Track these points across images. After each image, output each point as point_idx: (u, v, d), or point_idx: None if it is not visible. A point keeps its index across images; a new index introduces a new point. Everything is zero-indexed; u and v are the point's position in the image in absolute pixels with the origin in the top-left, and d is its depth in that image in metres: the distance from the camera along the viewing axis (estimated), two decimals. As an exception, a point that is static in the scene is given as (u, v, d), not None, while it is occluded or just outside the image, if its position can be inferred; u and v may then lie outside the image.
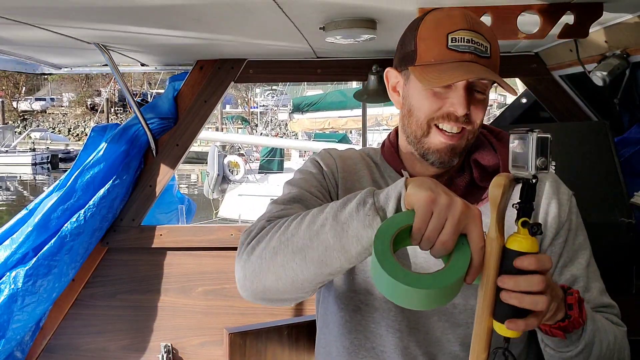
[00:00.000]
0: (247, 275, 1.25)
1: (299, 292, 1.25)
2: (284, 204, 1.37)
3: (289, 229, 1.21)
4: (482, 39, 1.30)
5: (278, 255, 1.20)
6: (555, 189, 1.45)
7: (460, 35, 1.29)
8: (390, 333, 1.41)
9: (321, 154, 1.55)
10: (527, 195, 1.06)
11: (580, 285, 1.41)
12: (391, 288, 1.03)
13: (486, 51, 1.30)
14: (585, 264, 1.43)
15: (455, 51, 1.29)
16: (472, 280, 1.05)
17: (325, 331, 1.53)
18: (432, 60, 1.31)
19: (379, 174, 1.52)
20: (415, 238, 1.05)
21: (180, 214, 3.90)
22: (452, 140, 1.34)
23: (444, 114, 1.33)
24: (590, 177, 2.28)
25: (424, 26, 1.35)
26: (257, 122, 37.76)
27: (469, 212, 1.04)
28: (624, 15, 1.90)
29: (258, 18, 1.95)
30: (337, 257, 1.14)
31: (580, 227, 1.46)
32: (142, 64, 3.10)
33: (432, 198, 1.04)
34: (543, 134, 1.03)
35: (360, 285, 1.43)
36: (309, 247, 1.16)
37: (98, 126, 3.05)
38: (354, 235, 1.11)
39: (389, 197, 1.11)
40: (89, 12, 1.89)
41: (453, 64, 1.28)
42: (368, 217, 1.10)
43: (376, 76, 2.85)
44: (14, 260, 2.68)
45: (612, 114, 2.90)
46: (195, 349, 3.02)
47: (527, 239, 1.04)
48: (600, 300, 1.42)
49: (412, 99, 1.38)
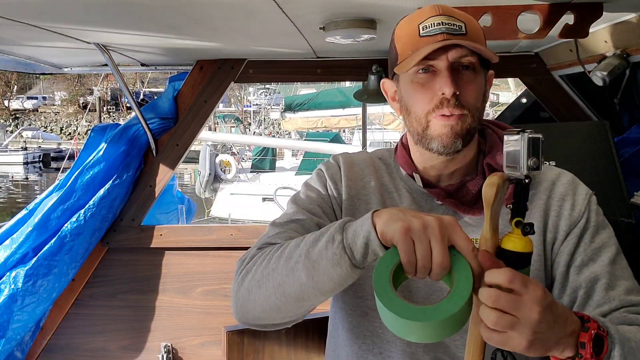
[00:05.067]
0: (239, 305, 1.31)
1: (287, 319, 1.30)
2: (280, 226, 1.40)
3: (270, 263, 1.24)
4: (454, 20, 1.30)
5: (261, 289, 1.24)
6: (572, 189, 1.43)
7: (429, 22, 1.30)
8: (398, 338, 1.40)
9: (327, 163, 1.56)
10: (520, 195, 1.06)
11: (602, 283, 1.32)
12: (419, 330, 1.02)
13: (460, 29, 1.30)
14: (609, 261, 1.35)
15: (428, 36, 1.29)
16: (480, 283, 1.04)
17: (335, 334, 1.54)
18: (409, 52, 1.31)
19: (389, 177, 1.51)
20: (409, 271, 1.05)
21: (180, 214, 3.90)
22: (450, 120, 1.32)
23: (437, 103, 1.31)
24: (590, 177, 2.27)
25: (398, 28, 1.37)
26: (251, 121, 37.70)
27: (445, 223, 1.04)
28: (624, 15, 1.91)
29: (258, 18, 1.95)
30: (312, 292, 1.17)
31: (602, 225, 1.41)
32: (142, 64, 3.10)
33: (406, 227, 1.03)
34: (534, 135, 1.04)
35: (366, 291, 1.43)
36: (286, 283, 1.20)
37: (98, 126, 3.05)
38: (324, 274, 1.13)
39: (357, 235, 1.11)
40: (89, 12, 1.89)
41: (426, 47, 1.28)
42: (335, 256, 1.11)
43: (376, 76, 2.86)
44: (14, 260, 2.68)
45: (612, 114, 2.90)
46: (195, 349, 3.02)
47: (520, 238, 1.05)
48: (627, 299, 1.31)
49: (406, 98, 1.38)
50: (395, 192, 1.48)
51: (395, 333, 1.05)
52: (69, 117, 49.85)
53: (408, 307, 1.01)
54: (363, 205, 1.47)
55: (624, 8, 1.83)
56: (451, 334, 1.03)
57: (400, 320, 1.00)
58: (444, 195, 1.42)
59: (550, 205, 1.41)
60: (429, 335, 1.03)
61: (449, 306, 1.00)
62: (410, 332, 1.03)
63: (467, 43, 1.28)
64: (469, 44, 1.28)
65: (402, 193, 1.48)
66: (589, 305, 1.31)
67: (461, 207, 1.40)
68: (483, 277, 1.03)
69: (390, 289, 1.03)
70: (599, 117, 2.88)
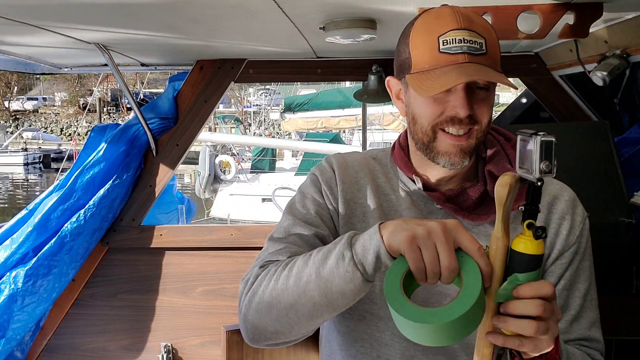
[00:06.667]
0: (249, 328, 1.32)
1: (299, 336, 1.31)
2: (280, 242, 1.40)
3: (279, 284, 1.24)
4: (475, 36, 1.26)
5: (272, 310, 1.25)
6: (571, 209, 1.43)
7: (451, 37, 1.25)
8: (395, 342, 1.40)
9: (321, 167, 1.53)
10: (533, 197, 1.05)
11: (571, 314, 1.38)
12: (432, 333, 1.03)
13: (481, 47, 1.26)
14: (584, 292, 1.40)
15: (448, 54, 1.25)
16: (490, 283, 1.05)
17: (330, 338, 1.53)
18: (427, 66, 1.28)
19: (385, 178, 1.50)
20: (419, 278, 1.06)
21: (180, 214, 3.90)
22: (459, 141, 1.31)
23: (448, 118, 1.30)
24: (590, 177, 2.28)
25: (414, 32, 1.31)
26: (251, 122, 37.69)
27: (449, 227, 1.06)
28: (624, 15, 1.91)
29: (258, 18, 1.94)
30: (326, 310, 1.20)
31: (588, 252, 1.44)
32: (142, 64, 3.10)
33: (410, 235, 1.05)
34: (547, 138, 1.02)
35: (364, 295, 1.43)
36: (298, 303, 1.21)
37: (98, 126, 3.05)
38: (337, 291, 1.16)
39: (367, 250, 1.12)
40: (89, 13, 1.89)
41: (447, 67, 1.25)
42: (348, 273, 1.13)
43: (376, 76, 2.86)
44: (14, 260, 2.67)
45: (612, 114, 2.91)
46: (195, 349, 3.02)
47: (532, 241, 1.04)
48: (587, 333, 1.39)
49: (414, 106, 1.36)
50: (392, 193, 1.47)
51: (411, 339, 1.07)
52: (69, 117, 49.83)
53: (419, 310, 1.02)
54: (359, 209, 1.46)
55: (624, 8, 1.83)
56: (465, 335, 1.04)
57: (413, 324, 1.02)
58: (443, 199, 1.41)
59: (549, 222, 1.41)
60: (443, 338, 1.04)
61: (459, 307, 1.01)
62: (425, 335, 1.04)
63: (485, 74, 1.25)
64: (487, 77, 1.25)
65: (400, 195, 1.46)
66: None
67: (460, 212, 1.40)
68: (492, 277, 1.05)
69: (401, 295, 1.04)
70: (599, 117, 2.87)
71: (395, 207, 1.45)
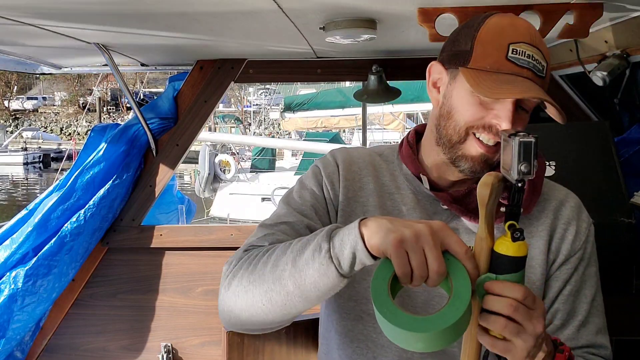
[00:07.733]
0: (225, 309, 1.28)
1: (274, 325, 1.28)
2: (269, 228, 1.37)
3: (257, 269, 1.22)
4: (541, 57, 1.25)
5: (248, 295, 1.22)
6: (577, 215, 1.42)
7: (522, 48, 1.23)
8: (392, 344, 1.38)
9: (325, 160, 1.50)
10: (514, 198, 1.04)
11: (578, 320, 1.37)
12: (427, 340, 1.00)
13: (543, 70, 1.25)
14: (590, 297, 1.39)
15: (514, 64, 1.23)
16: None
17: (327, 337, 1.51)
18: (488, 67, 1.24)
19: (390, 176, 1.47)
20: (405, 282, 1.03)
21: (180, 214, 3.90)
22: (488, 151, 1.29)
23: (485, 125, 1.27)
24: (590, 177, 2.27)
25: (485, 29, 1.27)
26: (251, 121, 37.67)
27: (436, 229, 1.03)
28: (624, 15, 1.90)
29: (258, 18, 1.94)
30: (299, 300, 1.16)
31: (594, 258, 1.43)
32: (142, 64, 3.10)
33: (398, 239, 1.01)
34: (526, 139, 1.01)
35: (360, 295, 1.40)
36: (273, 291, 1.18)
37: (98, 126, 3.05)
38: (311, 283, 1.12)
39: (344, 245, 1.08)
40: (89, 13, 1.88)
41: (510, 76, 1.22)
42: (322, 266, 1.09)
43: (376, 76, 2.85)
44: (14, 260, 2.68)
45: (612, 114, 2.90)
46: (195, 349, 3.02)
47: (512, 243, 1.03)
48: (593, 339, 1.38)
49: (455, 101, 1.31)
50: (397, 192, 1.45)
51: (401, 346, 1.04)
52: (69, 117, 49.88)
53: (413, 319, 1.00)
54: (360, 208, 1.44)
55: (624, 8, 1.82)
56: (457, 338, 1.03)
57: (407, 333, 0.99)
58: (450, 200, 1.38)
59: (555, 227, 1.41)
60: (436, 344, 1.01)
61: (452, 312, 0.99)
62: (417, 343, 1.01)
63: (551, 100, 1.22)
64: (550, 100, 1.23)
65: (405, 193, 1.44)
66: (560, 335, 1.35)
67: (467, 214, 1.38)
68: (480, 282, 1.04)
69: (391, 303, 1.01)
70: (599, 117, 2.87)
71: (398, 207, 1.43)
